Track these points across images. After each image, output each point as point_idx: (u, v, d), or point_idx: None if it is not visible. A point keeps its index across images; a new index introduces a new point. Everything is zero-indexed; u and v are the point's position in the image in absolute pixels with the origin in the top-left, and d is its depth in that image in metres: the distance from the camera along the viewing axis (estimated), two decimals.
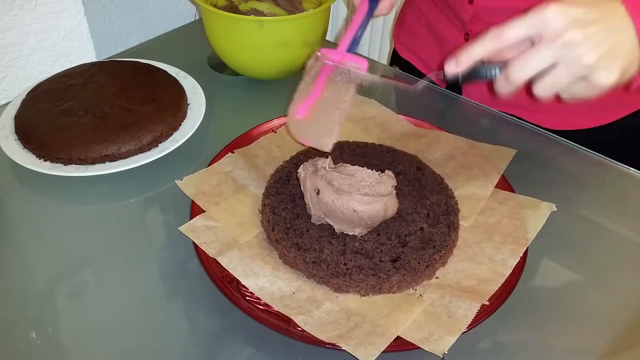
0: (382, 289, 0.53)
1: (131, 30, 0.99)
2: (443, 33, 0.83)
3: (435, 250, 0.55)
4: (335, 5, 1.52)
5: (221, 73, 0.89)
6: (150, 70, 0.79)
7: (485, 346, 0.51)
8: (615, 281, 0.58)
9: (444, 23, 0.82)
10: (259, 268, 0.54)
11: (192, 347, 0.51)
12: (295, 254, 0.54)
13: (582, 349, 0.52)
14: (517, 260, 0.55)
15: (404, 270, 0.53)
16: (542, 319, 0.54)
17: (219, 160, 0.66)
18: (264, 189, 0.62)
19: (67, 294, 0.55)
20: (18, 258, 0.59)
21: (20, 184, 0.68)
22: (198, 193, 0.61)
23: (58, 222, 0.64)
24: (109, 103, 0.72)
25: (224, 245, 0.56)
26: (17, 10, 0.76)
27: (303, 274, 0.54)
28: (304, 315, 0.50)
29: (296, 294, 0.52)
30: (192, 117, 0.74)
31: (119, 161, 0.67)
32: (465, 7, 0.75)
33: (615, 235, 0.64)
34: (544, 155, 0.73)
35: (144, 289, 0.56)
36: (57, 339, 0.52)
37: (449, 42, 0.82)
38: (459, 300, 0.51)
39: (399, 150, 0.68)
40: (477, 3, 0.73)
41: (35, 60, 0.81)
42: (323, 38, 0.84)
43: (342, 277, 0.52)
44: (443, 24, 0.82)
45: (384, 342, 0.47)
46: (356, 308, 0.51)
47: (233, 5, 0.89)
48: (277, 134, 0.71)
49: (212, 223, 0.58)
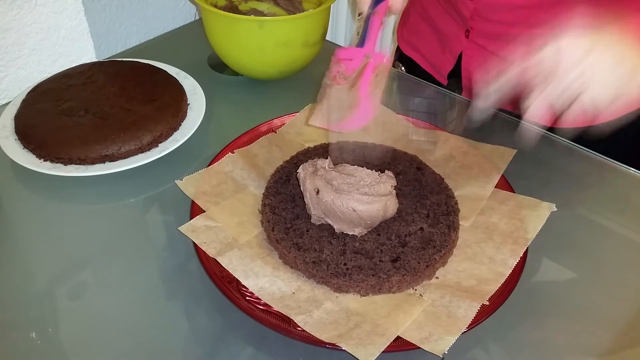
0: (382, 289, 0.53)
1: (131, 30, 0.99)
2: (444, 30, 0.83)
3: (435, 250, 0.55)
4: (335, 5, 1.52)
5: (221, 73, 0.89)
6: (150, 70, 0.79)
7: (485, 346, 0.51)
8: (615, 281, 0.58)
9: (446, 20, 0.82)
10: (259, 268, 0.54)
11: (192, 347, 0.51)
12: (295, 254, 0.54)
13: (582, 348, 0.52)
14: (517, 260, 0.55)
15: (404, 270, 0.53)
16: (542, 319, 0.54)
17: (219, 160, 0.66)
18: (264, 189, 0.62)
19: (67, 294, 0.55)
20: (18, 258, 0.59)
21: (20, 184, 0.68)
22: (198, 193, 0.61)
23: (58, 222, 0.64)
24: (109, 103, 0.72)
25: (224, 245, 0.56)
26: (17, 10, 0.76)
27: (303, 274, 0.54)
28: (304, 315, 0.50)
29: (296, 294, 0.52)
30: (192, 117, 0.74)
31: (119, 161, 0.67)
32: (466, 4, 0.76)
33: (615, 235, 0.64)
34: (544, 155, 0.73)
35: (144, 289, 0.56)
36: (57, 339, 0.52)
37: (450, 39, 0.83)
38: (459, 300, 0.51)
39: (398, 150, 0.68)
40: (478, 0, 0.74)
41: (35, 60, 0.81)
42: (323, 38, 0.83)
43: (342, 277, 0.52)
44: (444, 21, 0.83)
45: (384, 342, 0.47)
46: (356, 308, 0.51)
47: (233, 5, 0.89)
48: (277, 134, 0.71)
49: (212, 223, 0.58)
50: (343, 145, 0.67)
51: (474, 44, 0.79)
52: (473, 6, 0.75)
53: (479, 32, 0.77)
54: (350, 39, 1.56)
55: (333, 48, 0.60)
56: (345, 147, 0.67)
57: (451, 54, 0.83)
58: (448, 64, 0.85)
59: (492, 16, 0.75)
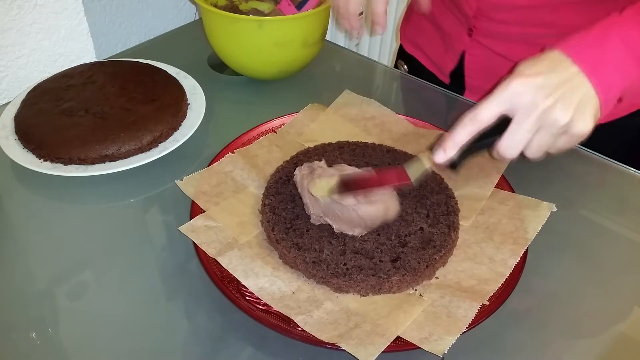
0: (382, 289, 0.53)
1: (131, 30, 0.99)
2: (447, 28, 0.83)
3: (435, 250, 0.55)
4: None
5: (221, 73, 0.89)
6: (150, 70, 0.79)
7: (485, 346, 0.51)
8: (615, 281, 0.58)
9: (449, 18, 0.82)
10: (259, 268, 0.54)
11: (192, 347, 0.51)
12: (295, 254, 0.54)
13: (582, 348, 0.52)
14: (517, 260, 0.55)
15: (404, 270, 0.53)
16: (542, 319, 0.54)
17: (219, 160, 0.66)
18: (264, 189, 0.62)
19: (67, 294, 0.55)
20: (18, 258, 0.59)
21: (20, 184, 0.68)
22: (198, 193, 0.61)
23: (58, 222, 0.64)
24: (109, 103, 0.72)
25: (224, 246, 0.56)
26: (17, 10, 0.76)
27: (303, 274, 0.54)
28: (304, 315, 0.50)
29: (296, 294, 0.52)
30: (192, 117, 0.74)
31: (119, 161, 0.67)
32: (469, 3, 0.76)
33: (615, 235, 0.64)
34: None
35: (144, 289, 0.56)
36: (57, 339, 0.52)
37: (452, 37, 0.83)
38: (459, 300, 0.51)
39: (399, 150, 0.68)
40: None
41: (35, 60, 0.81)
42: (323, 38, 0.83)
43: (342, 277, 0.52)
44: (448, 19, 0.83)
45: (384, 342, 0.47)
46: (356, 308, 0.51)
47: (233, 5, 0.89)
48: (277, 134, 0.71)
49: (212, 223, 0.58)
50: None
51: (477, 42, 0.79)
52: (476, 5, 0.75)
53: (482, 31, 0.77)
54: (350, 38, 1.56)
55: (333, 48, 0.60)
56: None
57: (454, 53, 0.83)
58: (450, 62, 0.85)
59: (495, 15, 0.75)
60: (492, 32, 0.77)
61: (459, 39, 0.81)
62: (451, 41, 0.83)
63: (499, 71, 0.79)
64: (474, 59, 0.81)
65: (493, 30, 0.76)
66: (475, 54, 0.80)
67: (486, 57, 0.79)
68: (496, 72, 0.79)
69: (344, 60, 0.96)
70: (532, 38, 0.73)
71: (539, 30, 0.72)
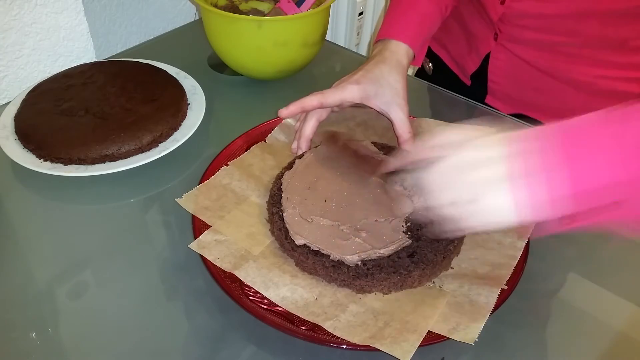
0: (405, 285, 0.53)
1: (131, 30, 0.99)
2: (474, 30, 0.82)
3: (448, 240, 0.55)
4: (335, 5, 1.52)
5: (221, 73, 0.89)
6: (150, 70, 0.79)
7: (486, 346, 0.51)
8: (615, 281, 0.58)
9: (476, 20, 0.81)
10: (277, 278, 0.53)
11: (193, 346, 0.51)
12: (314, 259, 0.53)
13: (582, 348, 0.52)
14: (525, 242, 0.56)
15: (422, 264, 0.53)
16: (542, 319, 0.54)
17: (218, 160, 0.65)
18: (268, 197, 0.62)
19: (67, 294, 0.55)
20: (18, 258, 0.59)
21: (20, 184, 0.68)
22: (200, 209, 0.59)
23: (58, 222, 0.64)
24: (109, 103, 0.72)
25: (238, 259, 0.55)
26: (17, 10, 0.76)
27: (323, 278, 0.54)
28: (331, 320, 0.50)
29: (319, 300, 0.52)
30: (192, 117, 0.74)
31: (119, 161, 0.67)
32: (496, 8, 0.75)
33: (615, 235, 0.64)
34: None
35: (144, 289, 0.56)
36: (57, 339, 0.52)
37: (478, 39, 0.82)
38: (478, 287, 0.52)
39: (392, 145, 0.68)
40: (509, 5, 0.73)
41: (35, 60, 0.81)
42: (322, 38, 0.83)
43: (365, 278, 0.52)
44: (475, 21, 0.82)
45: (417, 337, 0.48)
46: (381, 307, 0.51)
47: (233, 5, 0.89)
48: (266, 142, 0.70)
49: (221, 237, 0.57)
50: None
51: (502, 47, 0.78)
52: (502, 10, 0.74)
53: (507, 36, 0.77)
54: (350, 39, 1.56)
55: (333, 48, 0.60)
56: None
57: (477, 55, 0.82)
58: (473, 64, 0.84)
59: (520, 22, 0.74)
60: (517, 38, 0.76)
61: (484, 41, 0.81)
62: (476, 42, 0.82)
63: (523, 77, 0.79)
64: (498, 63, 0.80)
65: (518, 36, 0.76)
66: (500, 58, 0.80)
67: (510, 62, 0.79)
68: (519, 77, 0.79)
69: (344, 60, 0.96)
70: (557, 46, 0.73)
71: (564, 38, 0.72)
